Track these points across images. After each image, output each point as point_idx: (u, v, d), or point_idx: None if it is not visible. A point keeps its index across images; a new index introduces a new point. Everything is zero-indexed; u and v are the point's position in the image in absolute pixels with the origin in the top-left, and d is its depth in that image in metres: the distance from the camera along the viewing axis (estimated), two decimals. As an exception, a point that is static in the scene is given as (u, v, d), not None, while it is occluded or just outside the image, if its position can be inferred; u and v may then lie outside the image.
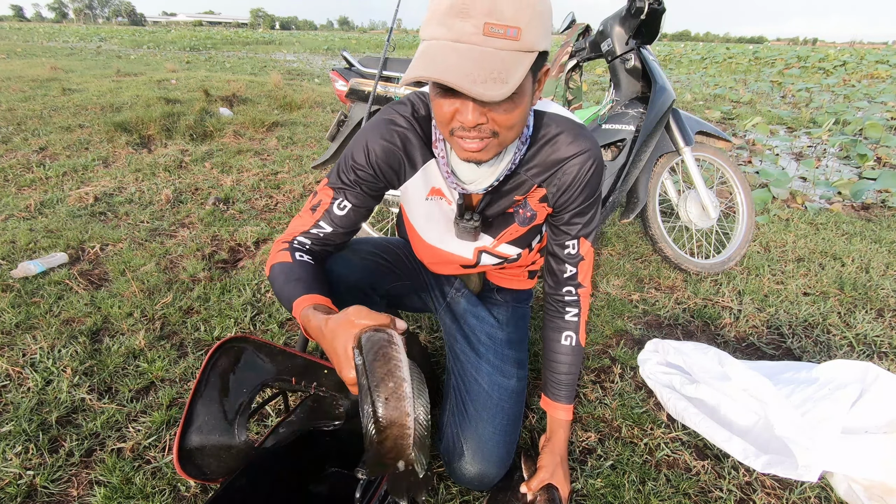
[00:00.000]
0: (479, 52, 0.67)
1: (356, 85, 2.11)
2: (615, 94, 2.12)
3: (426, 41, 0.71)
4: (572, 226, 1.01)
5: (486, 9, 0.65)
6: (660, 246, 2.17)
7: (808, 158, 4.40)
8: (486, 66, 0.67)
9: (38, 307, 1.74)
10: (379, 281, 1.11)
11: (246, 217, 2.64)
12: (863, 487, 1.11)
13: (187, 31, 39.65)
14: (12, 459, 1.16)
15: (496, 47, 0.68)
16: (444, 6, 0.67)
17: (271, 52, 18.73)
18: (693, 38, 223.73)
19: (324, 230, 0.97)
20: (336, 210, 0.96)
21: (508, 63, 0.68)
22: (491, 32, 0.67)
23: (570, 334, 1.09)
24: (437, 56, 0.68)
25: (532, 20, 0.68)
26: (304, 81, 8.19)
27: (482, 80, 0.67)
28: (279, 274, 0.89)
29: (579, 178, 0.93)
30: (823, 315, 1.91)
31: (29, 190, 2.87)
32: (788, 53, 22.21)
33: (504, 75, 0.68)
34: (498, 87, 0.67)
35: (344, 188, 0.96)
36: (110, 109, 4.73)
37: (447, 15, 0.67)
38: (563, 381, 1.10)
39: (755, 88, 9.53)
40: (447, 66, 0.67)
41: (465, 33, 0.67)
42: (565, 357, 1.10)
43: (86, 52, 14.02)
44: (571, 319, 1.09)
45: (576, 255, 1.04)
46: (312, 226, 0.97)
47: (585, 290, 1.08)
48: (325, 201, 0.96)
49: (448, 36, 0.68)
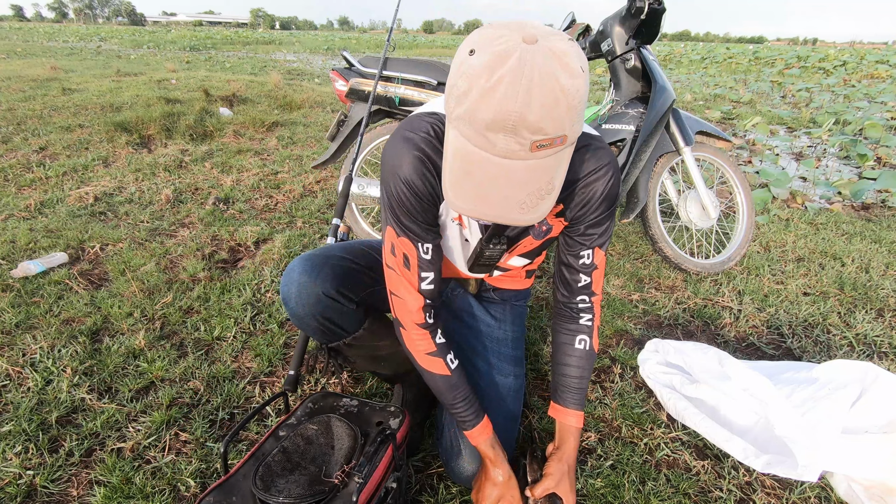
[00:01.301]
0: (527, 171, 0.66)
1: (356, 85, 2.11)
2: (615, 94, 2.12)
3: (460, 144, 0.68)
4: (588, 237, 0.99)
5: (533, 128, 0.63)
6: (660, 246, 2.17)
7: (808, 158, 4.40)
8: (535, 184, 0.67)
9: (38, 307, 1.74)
10: (352, 287, 1.06)
11: (246, 217, 2.64)
12: (863, 487, 1.11)
13: (187, 31, 39.65)
14: (12, 459, 1.16)
15: (543, 157, 0.66)
16: (486, 116, 0.63)
17: (271, 52, 18.73)
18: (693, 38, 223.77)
19: (430, 276, 0.96)
20: (424, 256, 0.94)
21: (555, 167, 0.68)
22: (539, 148, 0.65)
23: (584, 338, 1.07)
24: (483, 183, 0.67)
25: (576, 120, 0.66)
26: (304, 81, 8.19)
27: (533, 205, 0.67)
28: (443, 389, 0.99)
29: (598, 193, 0.93)
30: (823, 315, 1.91)
31: (29, 190, 2.87)
32: (788, 53, 22.22)
33: (550, 185, 0.68)
34: (546, 201, 0.68)
35: (415, 233, 0.92)
36: (110, 109, 4.73)
37: (490, 129, 0.63)
38: (574, 385, 1.07)
39: (755, 88, 9.53)
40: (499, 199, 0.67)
41: (512, 151, 0.65)
42: (578, 361, 1.07)
43: (86, 52, 14.02)
44: (585, 324, 1.07)
45: (590, 265, 1.02)
46: (419, 279, 0.95)
47: (598, 297, 1.07)
48: (412, 252, 0.93)
49: (490, 150, 0.65)
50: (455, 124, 0.68)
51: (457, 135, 0.69)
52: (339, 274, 1.04)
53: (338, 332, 1.08)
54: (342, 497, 0.87)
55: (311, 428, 1.01)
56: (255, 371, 1.50)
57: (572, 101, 0.63)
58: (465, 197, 0.68)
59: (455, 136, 0.69)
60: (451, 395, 0.98)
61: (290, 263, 1.05)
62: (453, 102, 0.67)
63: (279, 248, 2.22)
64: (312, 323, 1.04)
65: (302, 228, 2.51)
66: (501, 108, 0.61)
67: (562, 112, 0.63)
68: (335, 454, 0.95)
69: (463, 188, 0.68)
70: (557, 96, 0.61)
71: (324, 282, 1.01)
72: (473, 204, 0.68)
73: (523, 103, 0.60)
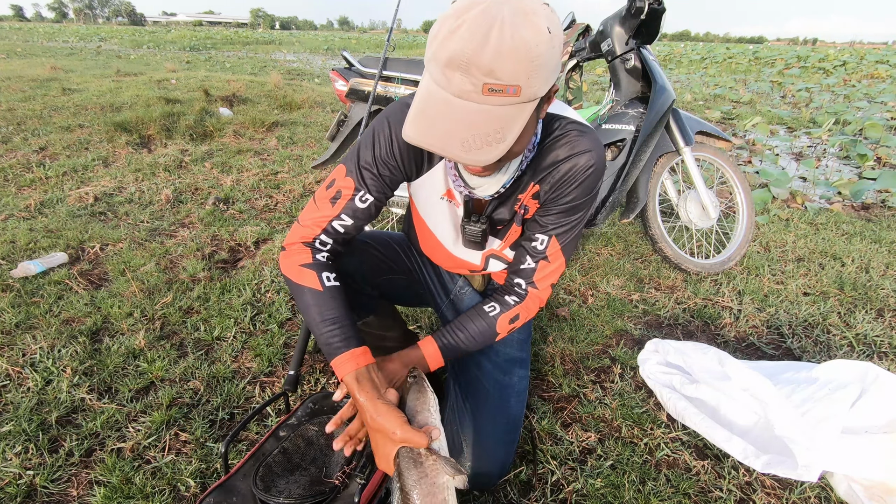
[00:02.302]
0: (476, 112, 0.67)
1: (356, 85, 2.11)
2: (615, 94, 2.12)
3: (427, 83, 0.71)
4: (550, 222, 0.96)
5: (485, 69, 0.64)
6: (660, 246, 2.17)
7: (808, 158, 4.40)
8: (483, 128, 0.68)
9: (38, 307, 1.74)
10: (370, 273, 1.10)
11: (246, 217, 2.64)
12: (863, 487, 1.11)
13: (187, 31, 39.62)
14: (12, 459, 1.16)
15: (496, 104, 0.67)
16: (446, 54, 0.66)
17: (271, 52, 18.73)
18: (693, 38, 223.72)
19: (345, 223, 0.94)
20: (358, 203, 0.93)
21: (507, 119, 0.69)
22: (490, 93, 0.66)
23: (495, 306, 0.99)
24: (433, 116, 0.69)
25: (533, 74, 0.66)
26: (304, 81, 8.19)
27: (478, 147, 0.68)
28: (311, 303, 0.88)
29: (572, 175, 0.91)
30: (823, 315, 1.91)
31: (29, 190, 2.87)
32: (788, 53, 22.21)
33: (501, 133, 0.68)
34: (493, 149, 0.68)
35: (366, 179, 0.92)
36: (110, 109, 4.73)
37: (448, 66, 0.66)
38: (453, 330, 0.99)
39: (755, 88, 9.53)
40: (442, 133, 0.68)
41: (465, 91, 0.66)
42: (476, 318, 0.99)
43: (86, 52, 14.01)
44: (507, 300, 1.00)
45: (541, 252, 0.97)
46: (334, 217, 0.93)
47: (538, 292, 1.00)
48: (347, 193, 0.92)
49: (448, 88, 0.68)
50: (427, 67, 0.71)
51: (427, 77, 0.72)
52: (358, 257, 1.07)
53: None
54: (343, 498, 0.87)
55: (312, 429, 1.01)
56: (255, 371, 1.49)
57: (531, 53, 0.65)
58: (415, 127, 0.70)
59: (426, 78, 0.72)
60: (319, 312, 0.87)
61: None
62: (428, 43, 0.71)
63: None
64: None
65: (302, 228, 2.50)
66: (457, 48, 0.64)
67: (517, 61, 0.64)
68: (336, 455, 0.95)
69: (416, 121, 0.70)
70: (516, 45, 0.64)
71: (345, 263, 1.03)
72: (420, 134, 0.70)
73: (479, 44, 0.63)
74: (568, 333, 1.74)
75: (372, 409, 0.79)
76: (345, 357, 0.84)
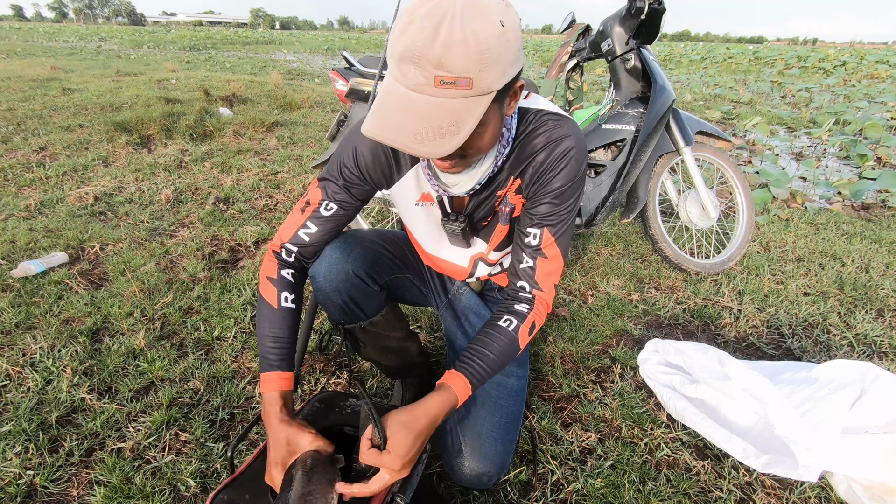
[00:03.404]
0: (430, 106, 0.68)
1: (356, 85, 2.11)
2: (615, 94, 2.12)
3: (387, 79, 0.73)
4: (538, 213, 0.94)
5: (434, 61, 0.65)
6: (660, 246, 2.17)
7: (808, 158, 4.40)
8: (436, 120, 0.68)
9: (38, 307, 1.74)
10: (379, 271, 1.10)
11: (246, 217, 2.64)
12: (863, 487, 1.11)
13: (187, 31, 39.64)
14: (12, 459, 1.16)
15: (448, 97, 0.68)
16: (399, 48, 0.67)
17: (271, 51, 18.73)
18: (693, 38, 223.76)
19: (310, 231, 0.99)
20: (323, 211, 0.98)
21: (461, 112, 0.69)
22: (442, 85, 0.67)
23: (511, 319, 0.95)
24: (389, 111, 0.70)
25: (485, 67, 0.67)
26: (304, 81, 8.19)
27: (431, 139, 0.68)
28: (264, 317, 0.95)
29: (551, 162, 0.91)
30: (823, 315, 1.91)
31: (29, 190, 2.87)
32: (788, 53, 22.22)
33: (456, 126, 0.69)
34: (447, 141, 0.69)
35: (329, 189, 0.98)
36: (110, 109, 4.73)
37: (402, 60, 0.67)
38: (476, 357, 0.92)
39: (755, 88, 9.53)
40: (394, 126, 0.69)
41: (418, 83, 0.68)
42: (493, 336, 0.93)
43: (86, 52, 14.01)
44: (519, 309, 0.97)
45: (535, 246, 0.96)
46: (301, 226, 0.99)
47: (543, 294, 0.98)
48: (314, 201, 0.98)
49: (403, 82, 0.69)
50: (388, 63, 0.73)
51: (387, 74, 0.74)
52: (369, 256, 1.07)
53: (357, 314, 1.10)
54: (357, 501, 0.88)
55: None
56: (255, 371, 1.49)
57: (482, 46, 0.65)
58: (371, 122, 0.71)
59: (387, 76, 0.74)
60: (269, 327, 0.93)
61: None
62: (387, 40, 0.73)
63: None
64: (336, 300, 1.05)
65: (302, 228, 2.51)
66: (409, 41, 0.66)
67: (466, 54, 0.65)
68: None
69: (375, 115, 0.72)
70: (465, 37, 0.65)
71: (355, 261, 1.04)
72: (374, 128, 0.71)
73: (429, 37, 0.65)
74: (568, 333, 1.74)
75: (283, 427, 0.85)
76: (273, 376, 0.91)
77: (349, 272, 1.03)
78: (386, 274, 1.13)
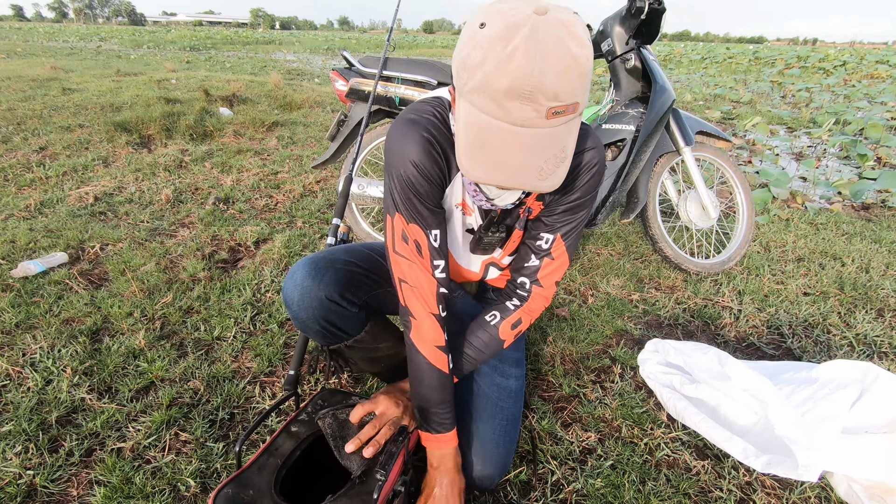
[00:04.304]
0: (542, 139, 0.67)
1: (356, 85, 2.11)
2: (615, 93, 2.12)
3: (472, 115, 0.68)
4: (555, 220, 0.97)
5: (551, 94, 0.63)
6: (660, 246, 2.17)
7: (808, 158, 4.40)
8: (550, 153, 0.67)
9: (38, 307, 1.74)
10: (355, 291, 1.06)
11: (246, 217, 2.64)
12: (863, 487, 1.11)
13: (187, 31, 39.62)
14: (12, 459, 1.16)
15: (557, 125, 0.67)
16: (503, 84, 0.63)
17: (271, 51, 18.72)
18: (693, 38, 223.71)
19: (441, 264, 0.95)
20: (434, 243, 0.93)
21: (567, 136, 0.68)
22: (554, 115, 0.65)
23: (496, 314, 1.02)
24: (499, 151, 0.67)
25: (586, 87, 0.66)
26: (304, 81, 8.19)
27: (550, 172, 0.67)
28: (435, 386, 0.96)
29: (577, 174, 0.92)
30: (823, 315, 1.91)
31: (29, 190, 2.87)
32: (788, 53, 22.22)
33: (565, 152, 0.68)
34: (561, 169, 0.69)
35: (425, 218, 0.91)
36: (110, 109, 4.73)
37: (507, 97, 0.64)
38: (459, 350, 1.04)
39: (755, 88, 9.53)
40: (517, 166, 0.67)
41: (528, 118, 0.65)
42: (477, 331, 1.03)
43: (86, 52, 14.01)
44: (508, 305, 1.02)
45: (546, 250, 0.98)
46: (434, 270, 0.94)
47: (542, 290, 1.01)
48: (423, 239, 0.92)
49: (506, 119, 0.66)
50: (468, 97, 0.68)
51: (469, 107, 0.69)
52: (342, 278, 1.03)
53: (339, 335, 1.09)
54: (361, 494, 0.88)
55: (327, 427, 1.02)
56: (255, 371, 1.49)
57: (583, 68, 0.65)
58: (481, 165, 0.68)
59: (468, 108, 0.69)
60: (442, 394, 0.96)
61: (294, 266, 1.04)
62: (466, 75, 0.68)
63: (279, 248, 2.22)
64: (315, 326, 1.04)
65: (302, 228, 2.51)
66: (518, 76, 0.62)
67: (574, 79, 0.64)
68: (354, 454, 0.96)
69: (479, 158, 0.68)
70: (569, 64, 0.63)
71: (327, 286, 1.00)
72: (491, 171, 0.68)
73: (540, 70, 0.62)
74: (568, 333, 1.74)
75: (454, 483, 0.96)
76: (449, 436, 0.97)
77: (322, 298, 1.00)
78: (363, 293, 1.08)
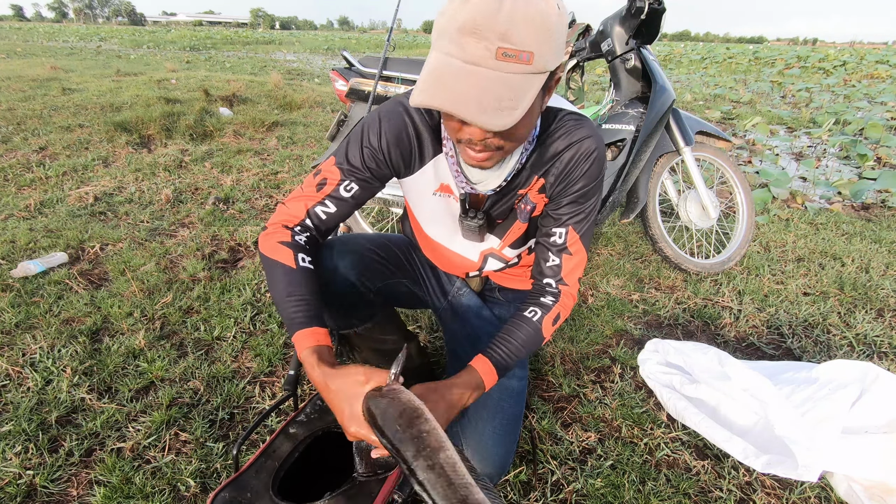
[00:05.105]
0: (490, 78, 0.67)
1: (356, 85, 2.11)
2: (615, 94, 2.12)
3: (438, 54, 0.71)
4: (563, 213, 0.97)
5: (499, 32, 0.65)
6: (660, 246, 2.17)
7: (808, 158, 4.40)
8: (496, 93, 0.67)
9: (38, 307, 1.74)
10: (372, 277, 1.10)
11: (246, 217, 2.64)
12: (863, 487, 1.11)
13: (187, 31, 39.62)
14: (12, 459, 1.16)
15: (508, 71, 0.67)
16: (457, 23, 0.66)
17: (271, 51, 18.72)
18: (693, 38, 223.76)
19: (328, 210, 0.95)
20: (343, 192, 0.94)
21: (519, 88, 0.69)
22: (504, 57, 0.66)
23: (536, 310, 0.98)
24: (447, 81, 0.68)
25: (545, 42, 0.67)
26: (304, 81, 8.19)
27: (492, 110, 0.67)
28: (281, 278, 0.86)
29: (576, 162, 0.93)
30: (823, 315, 1.91)
31: (29, 190, 2.87)
32: (788, 53, 22.22)
33: (514, 101, 0.68)
34: (506, 115, 0.68)
35: (353, 170, 0.94)
36: (110, 109, 4.73)
37: (460, 33, 0.66)
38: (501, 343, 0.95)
39: (755, 88, 9.53)
40: (456, 94, 0.67)
41: (478, 56, 0.67)
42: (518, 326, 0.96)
43: (86, 52, 14.01)
44: (544, 301, 1.00)
45: (561, 245, 0.98)
46: (317, 203, 0.94)
47: (569, 288, 1.01)
48: (333, 180, 0.94)
49: (460, 56, 0.68)
50: (435, 45, 0.71)
51: (434, 53, 0.72)
52: (361, 262, 1.07)
53: (351, 320, 1.09)
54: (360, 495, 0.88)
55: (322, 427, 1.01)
56: (255, 371, 1.50)
57: (545, 22, 0.66)
58: (426, 92, 0.69)
59: (433, 54, 0.72)
60: (286, 288, 0.85)
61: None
62: (436, 21, 0.71)
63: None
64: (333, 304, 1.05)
65: (302, 228, 2.51)
66: (474, 11, 0.65)
67: (531, 28, 0.66)
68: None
69: (427, 86, 0.69)
70: (529, 12, 0.65)
71: (346, 267, 1.03)
72: (431, 95, 0.68)
73: (493, 9, 0.64)
74: (568, 333, 1.74)
75: (331, 374, 0.77)
76: (306, 332, 0.82)
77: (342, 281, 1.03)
78: (378, 280, 1.12)
